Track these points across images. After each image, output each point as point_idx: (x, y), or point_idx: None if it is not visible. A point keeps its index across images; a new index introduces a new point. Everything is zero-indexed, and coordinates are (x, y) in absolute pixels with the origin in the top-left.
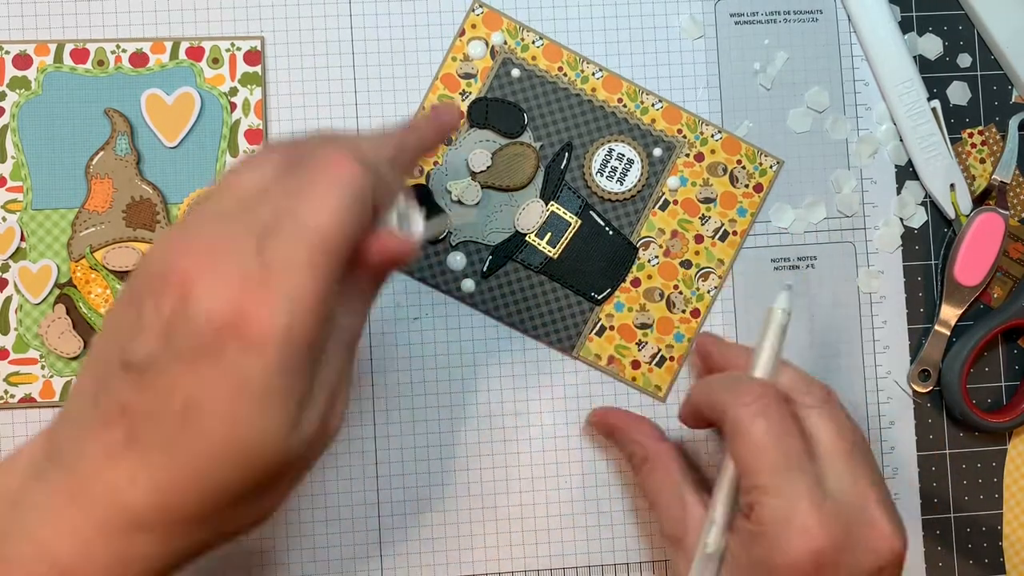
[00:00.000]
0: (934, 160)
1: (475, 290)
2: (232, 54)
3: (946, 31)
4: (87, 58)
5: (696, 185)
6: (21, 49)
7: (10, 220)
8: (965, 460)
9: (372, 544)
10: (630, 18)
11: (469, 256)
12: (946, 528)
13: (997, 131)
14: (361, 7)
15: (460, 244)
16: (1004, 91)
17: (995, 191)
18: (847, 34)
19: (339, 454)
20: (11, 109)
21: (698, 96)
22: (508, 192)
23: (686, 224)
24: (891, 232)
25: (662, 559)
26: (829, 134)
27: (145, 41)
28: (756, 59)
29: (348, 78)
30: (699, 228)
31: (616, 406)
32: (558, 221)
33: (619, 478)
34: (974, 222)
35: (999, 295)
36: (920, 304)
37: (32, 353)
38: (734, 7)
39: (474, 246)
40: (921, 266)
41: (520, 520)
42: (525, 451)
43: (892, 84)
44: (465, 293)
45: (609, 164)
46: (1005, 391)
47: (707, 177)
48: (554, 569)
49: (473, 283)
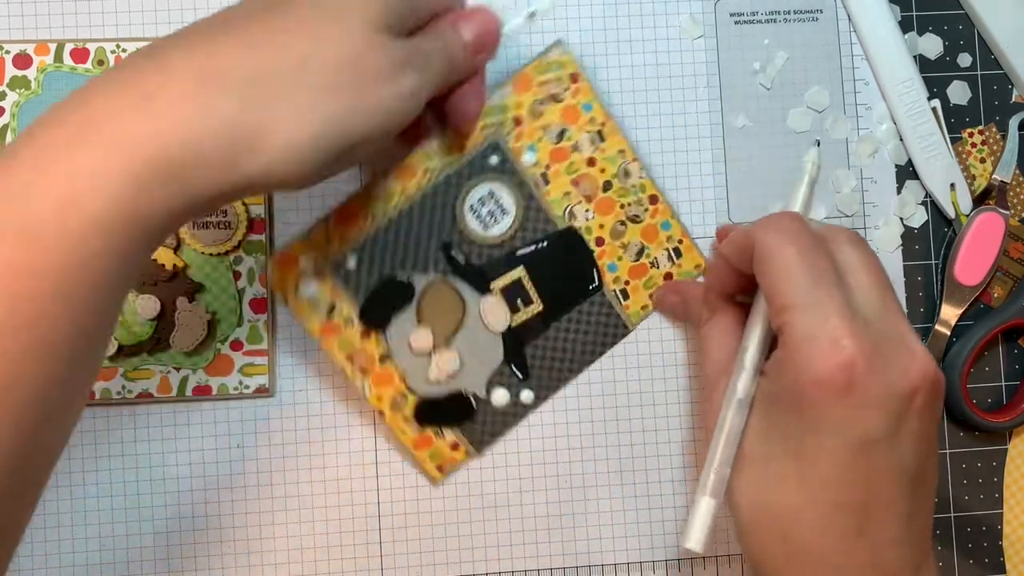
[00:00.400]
0: (934, 160)
1: (532, 398)
2: None
3: (946, 31)
4: (87, 58)
5: (545, 139)
6: (21, 49)
7: None
8: (965, 460)
9: (372, 544)
10: (630, 17)
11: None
12: (946, 528)
13: (997, 131)
14: None
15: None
16: (1004, 91)
17: (995, 191)
18: (847, 34)
19: (339, 453)
20: (11, 109)
21: (698, 96)
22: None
23: (572, 170)
24: (891, 232)
25: (662, 559)
26: (829, 134)
27: (145, 41)
28: (756, 59)
29: None
30: (581, 159)
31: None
32: (514, 288)
33: (619, 478)
34: (974, 222)
35: (999, 295)
36: (920, 304)
37: None
38: (734, 7)
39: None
40: (921, 266)
41: (520, 520)
42: (525, 451)
43: (892, 84)
44: (524, 402)
45: (478, 211)
46: (1005, 391)
47: (545, 125)
48: (554, 569)
49: (531, 393)
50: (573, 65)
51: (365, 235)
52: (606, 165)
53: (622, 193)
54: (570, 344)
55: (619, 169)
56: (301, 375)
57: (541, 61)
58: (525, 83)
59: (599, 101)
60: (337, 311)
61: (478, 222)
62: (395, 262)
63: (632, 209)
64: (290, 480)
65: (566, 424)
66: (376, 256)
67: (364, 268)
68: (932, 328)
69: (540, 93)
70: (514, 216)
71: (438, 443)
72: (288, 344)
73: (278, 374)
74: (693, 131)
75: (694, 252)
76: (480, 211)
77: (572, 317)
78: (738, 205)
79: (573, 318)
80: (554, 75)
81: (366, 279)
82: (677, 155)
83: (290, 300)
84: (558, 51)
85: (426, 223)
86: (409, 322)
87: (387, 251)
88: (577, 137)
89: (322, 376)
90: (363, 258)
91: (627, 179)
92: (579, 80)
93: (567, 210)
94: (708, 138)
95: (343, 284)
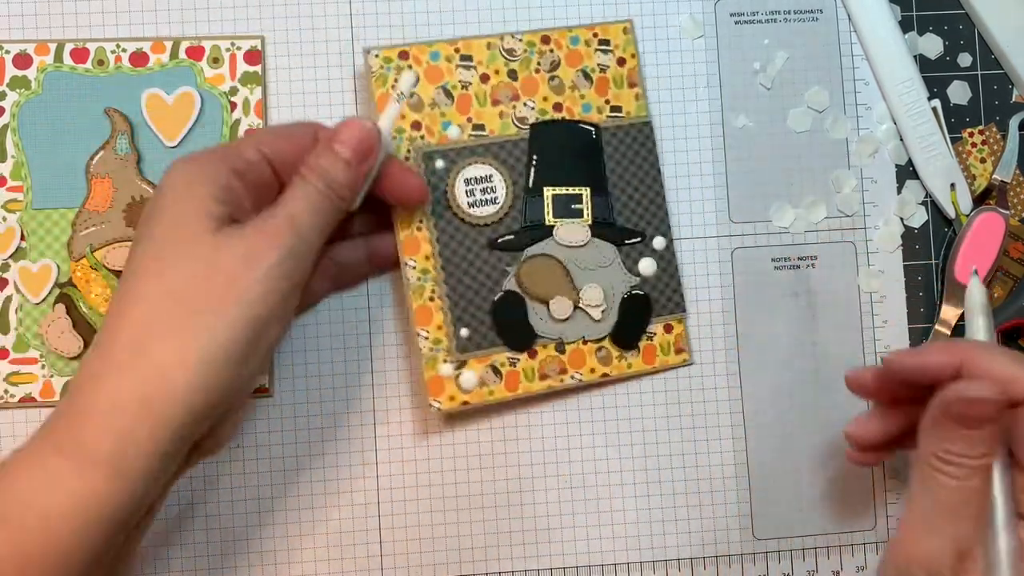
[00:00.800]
0: (934, 160)
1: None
2: (232, 54)
3: (946, 30)
4: (87, 58)
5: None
6: (21, 49)
7: (10, 220)
8: None
9: (372, 544)
10: (630, 17)
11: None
12: None
13: (997, 130)
14: (361, 7)
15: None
16: (1004, 90)
17: (995, 190)
18: (847, 33)
19: (339, 453)
20: (11, 109)
21: (698, 96)
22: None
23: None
24: (891, 232)
25: (662, 559)
26: (829, 134)
27: (145, 40)
28: (756, 59)
29: (348, 78)
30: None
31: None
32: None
33: (619, 478)
34: (974, 222)
35: (999, 295)
36: (921, 304)
37: (32, 353)
38: (734, 7)
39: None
40: (921, 266)
41: (520, 520)
42: (525, 451)
43: (892, 83)
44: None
45: (471, 188)
46: None
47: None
48: (554, 569)
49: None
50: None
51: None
52: None
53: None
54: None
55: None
56: (301, 375)
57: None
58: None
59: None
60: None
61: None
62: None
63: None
64: (290, 480)
65: (566, 424)
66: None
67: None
68: (932, 328)
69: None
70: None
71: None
72: (288, 344)
73: (278, 374)
74: (693, 131)
75: None
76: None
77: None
78: (738, 205)
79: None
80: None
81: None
82: (677, 155)
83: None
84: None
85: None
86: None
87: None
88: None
89: (322, 376)
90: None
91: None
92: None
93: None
94: (708, 138)
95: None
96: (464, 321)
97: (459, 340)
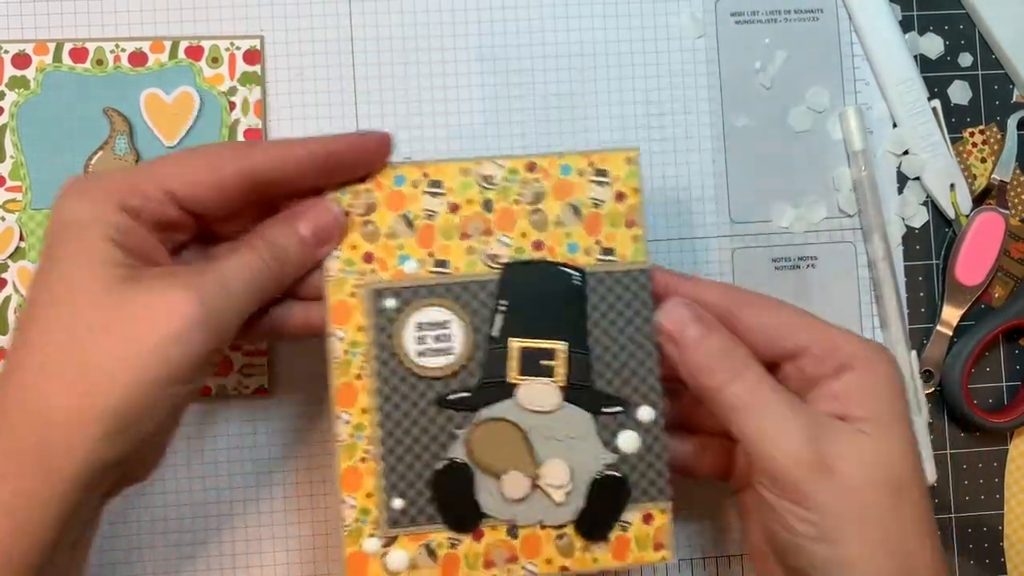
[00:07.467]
0: (934, 160)
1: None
2: (231, 53)
3: (947, 30)
4: (86, 57)
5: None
6: (20, 48)
7: (9, 220)
8: (966, 460)
9: None
10: (630, 17)
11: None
12: (947, 528)
13: (998, 130)
14: (361, 7)
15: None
16: (1005, 90)
17: (995, 190)
18: (847, 33)
19: None
20: (10, 109)
21: (698, 96)
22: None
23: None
24: (892, 232)
25: None
26: (829, 133)
27: (144, 40)
28: (756, 58)
29: (348, 78)
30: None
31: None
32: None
33: None
34: (974, 222)
35: (1000, 295)
36: (921, 304)
37: None
38: (734, 6)
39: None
40: (922, 266)
41: None
42: None
43: (892, 83)
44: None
45: (422, 335)
46: (1006, 391)
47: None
48: None
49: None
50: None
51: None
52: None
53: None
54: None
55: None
56: (301, 375)
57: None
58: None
59: None
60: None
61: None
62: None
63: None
64: (290, 480)
65: None
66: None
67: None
68: (933, 328)
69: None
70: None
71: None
72: (288, 344)
73: (278, 374)
74: (693, 131)
75: None
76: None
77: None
78: (738, 205)
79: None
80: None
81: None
82: (677, 155)
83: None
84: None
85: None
86: (485, 485)
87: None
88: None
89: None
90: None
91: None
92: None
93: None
94: (708, 138)
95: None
96: (399, 490)
97: (391, 512)
